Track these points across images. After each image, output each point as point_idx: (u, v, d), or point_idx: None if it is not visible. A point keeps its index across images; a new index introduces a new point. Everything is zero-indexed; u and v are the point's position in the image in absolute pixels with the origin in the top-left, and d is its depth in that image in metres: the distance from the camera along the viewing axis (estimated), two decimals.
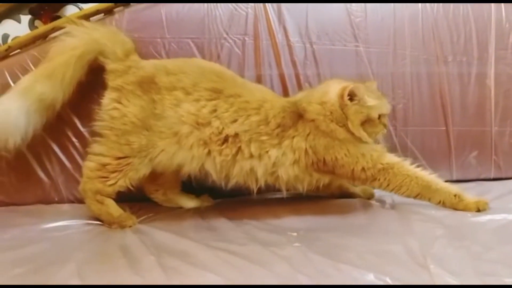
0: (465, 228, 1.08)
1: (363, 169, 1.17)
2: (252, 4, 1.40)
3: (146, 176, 1.24)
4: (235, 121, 1.17)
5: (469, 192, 1.20)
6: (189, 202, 1.35)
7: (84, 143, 1.31)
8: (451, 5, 1.44)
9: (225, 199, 1.37)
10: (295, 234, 1.07)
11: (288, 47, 1.42)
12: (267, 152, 1.18)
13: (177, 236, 1.06)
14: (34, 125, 1.22)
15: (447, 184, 1.19)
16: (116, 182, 1.20)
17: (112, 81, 1.23)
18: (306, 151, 1.18)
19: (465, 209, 1.15)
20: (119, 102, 1.21)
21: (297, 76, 1.42)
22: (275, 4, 1.41)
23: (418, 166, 1.20)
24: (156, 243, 1.03)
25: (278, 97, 1.29)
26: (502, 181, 1.45)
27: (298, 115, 1.20)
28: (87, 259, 0.95)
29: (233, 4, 1.39)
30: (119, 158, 1.19)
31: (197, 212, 1.27)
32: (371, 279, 0.81)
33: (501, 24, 1.44)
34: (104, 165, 1.20)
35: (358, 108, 1.18)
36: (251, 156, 1.18)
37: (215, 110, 1.18)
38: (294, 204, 1.28)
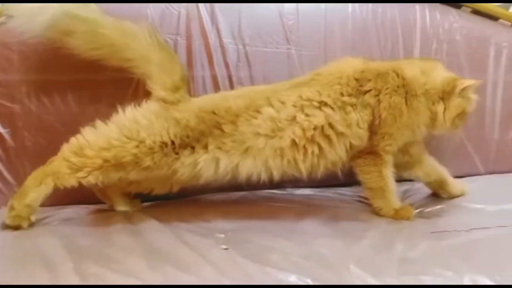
0: (391, 228, 1.12)
1: (387, 143, 1.21)
2: (185, 3, 1.38)
3: None
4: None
5: None
6: (121, 206, 1.29)
7: None
8: (379, 10, 1.49)
9: (156, 202, 1.35)
10: (222, 236, 1.07)
11: (221, 48, 1.41)
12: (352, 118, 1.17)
13: (102, 240, 1.03)
14: (46, 35, 1.18)
15: (395, 197, 1.24)
16: (85, 177, 1.11)
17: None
18: (376, 105, 1.19)
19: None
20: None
21: (229, 78, 1.41)
22: (208, 4, 1.39)
23: None
24: (78, 248, 0.99)
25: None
26: None
27: (379, 72, 1.21)
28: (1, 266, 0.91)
29: (165, 3, 1.37)
30: (109, 162, 1.11)
31: (125, 215, 1.24)
32: (293, 280, 0.82)
33: (425, 30, 1.50)
34: (83, 156, 1.11)
35: (461, 102, 1.22)
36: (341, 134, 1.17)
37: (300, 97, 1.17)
38: (224, 206, 1.28)
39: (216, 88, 1.40)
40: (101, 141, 1.12)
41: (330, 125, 1.16)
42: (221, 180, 1.19)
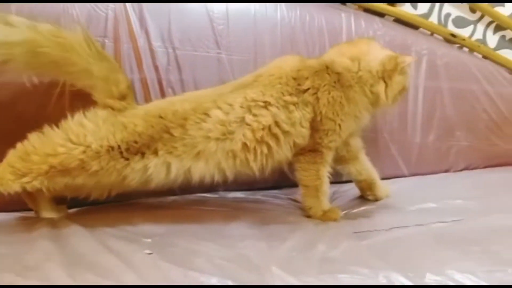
0: (316, 230, 1.15)
1: (331, 139, 1.23)
2: (112, 5, 1.36)
3: None
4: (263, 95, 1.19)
5: None
6: (47, 212, 1.24)
7: None
8: (307, 17, 1.53)
9: (83, 208, 1.31)
10: (149, 240, 1.06)
11: (150, 52, 1.40)
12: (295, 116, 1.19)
13: (21, 248, 0.99)
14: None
15: (326, 199, 1.28)
16: (30, 182, 1.09)
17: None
18: (315, 102, 1.21)
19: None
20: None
21: (159, 81, 1.40)
22: (136, 7, 1.38)
23: None
24: None
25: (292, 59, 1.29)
26: None
27: (315, 70, 1.23)
28: None
29: (92, 4, 1.34)
30: (55, 168, 1.09)
31: (50, 221, 1.20)
32: (214, 282, 0.83)
33: (351, 37, 1.55)
34: (29, 161, 1.09)
35: (402, 79, 1.26)
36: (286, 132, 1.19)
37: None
38: (154, 211, 1.27)
39: (146, 91, 1.39)
40: (47, 146, 1.10)
41: (277, 124, 1.18)
42: (173, 184, 1.19)
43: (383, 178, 1.51)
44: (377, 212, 1.32)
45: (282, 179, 1.49)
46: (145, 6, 1.39)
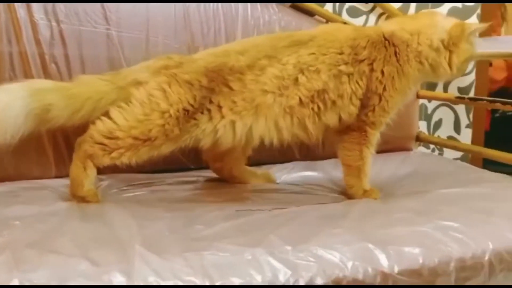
0: (200, 211, 1.14)
1: (378, 116, 1.23)
2: None
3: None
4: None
5: None
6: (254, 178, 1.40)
7: None
8: None
9: None
10: (17, 223, 1.00)
11: (32, 24, 1.32)
12: (345, 89, 1.19)
13: None
14: (27, 129, 1.12)
15: (368, 179, 1.27)
16: (119, 157, 1.15)
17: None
18: (369, 74, 1.19)
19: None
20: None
21: (41, 56, 1.33)
22: None
23: None
24: None
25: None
26: None
27: (373, 41, 1.21)
28: None
29: None
30: (138, 138, 1.14)
31: None
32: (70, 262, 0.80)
33: (246, 21, 1.55)
34: (114, 138, 1.14)
35: (469, 47, 1.24)
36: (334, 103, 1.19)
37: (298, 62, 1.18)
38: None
39: (26, 66, 1.32)
40: (128, 120, 1.14)
41: (325, 91, 1.18)
42: (237, 145, 1.22)
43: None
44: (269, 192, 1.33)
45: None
46: None
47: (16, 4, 1.30)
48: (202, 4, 1.50)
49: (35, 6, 1.32)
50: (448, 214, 1.07)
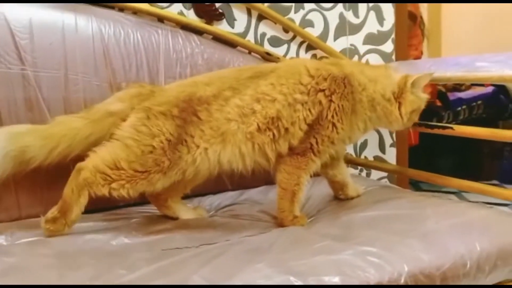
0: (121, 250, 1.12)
1: (325, 146, 1.29)
2: None
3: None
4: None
5: None
6: (187, 213, 1.39)
7: None
8: (122, 33, 1.49)
9: None
10: None
11: None
12: (298, 116, 1.26)
13: None
14: (3, 171, 1.18)
15: (299, 205, 1.32)
16: (118, 189, 1.20)
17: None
18: (327, 105, 1.26)
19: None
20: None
21: None
22: None
23: None
24: None
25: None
26: None
27: (334, 75, 1.28)
28: None
29: None
30: (137, 171, 1.20)
31: None
32: None
33: (169, 54, 1.56)
34: (119, 168, 1.19)
35: (414, 99, 1.33)
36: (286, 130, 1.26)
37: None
38: None
39: None
40: (128, 152, 1.20)
41: (279, 119, 1.25)
42: (212, 174, 1.29)
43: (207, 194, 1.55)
44: (198, 227, 1.32)
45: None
46: None
47: None
48: (122, 39, 1.50)
49: None
50: (366, 238, 1.11)
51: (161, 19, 1.60)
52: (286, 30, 1.79)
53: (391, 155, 2.07)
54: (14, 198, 1.36)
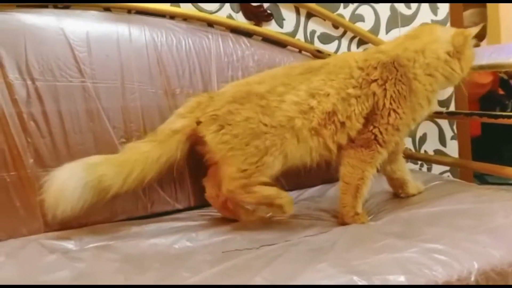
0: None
1: (390, 135, 1.26)
2: None
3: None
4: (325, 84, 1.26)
5: None
6: (246, 216, 1.39)
7: None
8: (174, 40, 1.52)
9: None
10: None
11: (7, 85, 1.33)
12: (353, 110, 1.25)
13: None
14: (84, 201, 1.20)
15: (362, 201, 1.30)
16: (254, 182, 1.25)
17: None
18: (382, 95, 1.24)
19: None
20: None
21: (19, 115, 1.33)
22: None
23: None
24: None
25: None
26: None
27: (383, 62, 1.26)
28: None
29: None
30: (253, 163, 1.24)
31: None
32: None
33: (220, 58, 1.57)
34: (242, 170, 1.24)
35: (471, 52, 1.31)
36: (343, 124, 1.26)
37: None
38: None
39: (5, 126, 1.32)
40: (239, 157, 1.27)
41: (335, 113, 1.25)
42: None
43: None
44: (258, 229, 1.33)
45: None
46: None
47: None
48: (174, 46, 1.52)
49: (8, 67, 1.33)
50: (431, 235, 1.07)
51: (210, 23, 1.62)
52: (336, 26, 1.77)
53: (452, 148, 2.00)
54: None
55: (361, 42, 1.81)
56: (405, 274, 0.93)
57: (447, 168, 1.98)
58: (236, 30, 1.63)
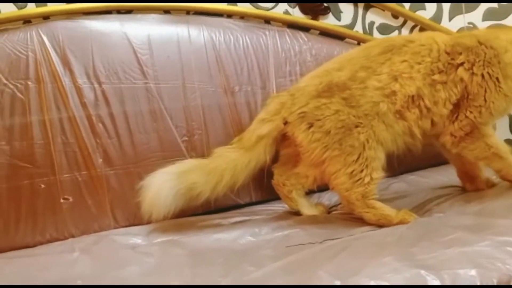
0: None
1: (484, 117, 1.22)
2: (32, 45, 1.36)
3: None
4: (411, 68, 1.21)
5: None
6: (309, 209, 1.39)
7: None
8: (232, 39, 1.55)
9: None
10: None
11: (76, 89, 1.40)
12: (440, 96, 1.22)
13: None
14: (175, 207, 1.25)
15: None
16: (371, 178, 1.21)
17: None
18: (470, 79, 1.20)
19: None
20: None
21: (88, 117, 1.40)
22: (57, 46, 1.38)
23: None
24: None
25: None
26: None
27: (468, 46, 1.22)
28: None
29: (10, 47, 1.34)
30: (355, 160, 1.21)
31: None
32: None
33: (277, 54, 1.58)
34: (349, 173, 1.21)
35: None
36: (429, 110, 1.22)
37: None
38: None
39: (76, 129, 1.39)
40: (342, 160, 1.24)
41: (420, 97, 1.22)
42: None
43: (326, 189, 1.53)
44: (321, 222, 1.32)
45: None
46: (67, 44, 1.40)
47: (60, 72, 1.39)
48: (232, 45, 1.55)
49: (77, 72, 1.40)
50: (505, 228, 1.02)
51: (267, 20, 1.63)
52: (395, 16, 1.73)
53: None
54: None
55: (423, 31, 1.75)
56: (476, 267, 0.89)
57: None
58: (293, 25, 1.64)
